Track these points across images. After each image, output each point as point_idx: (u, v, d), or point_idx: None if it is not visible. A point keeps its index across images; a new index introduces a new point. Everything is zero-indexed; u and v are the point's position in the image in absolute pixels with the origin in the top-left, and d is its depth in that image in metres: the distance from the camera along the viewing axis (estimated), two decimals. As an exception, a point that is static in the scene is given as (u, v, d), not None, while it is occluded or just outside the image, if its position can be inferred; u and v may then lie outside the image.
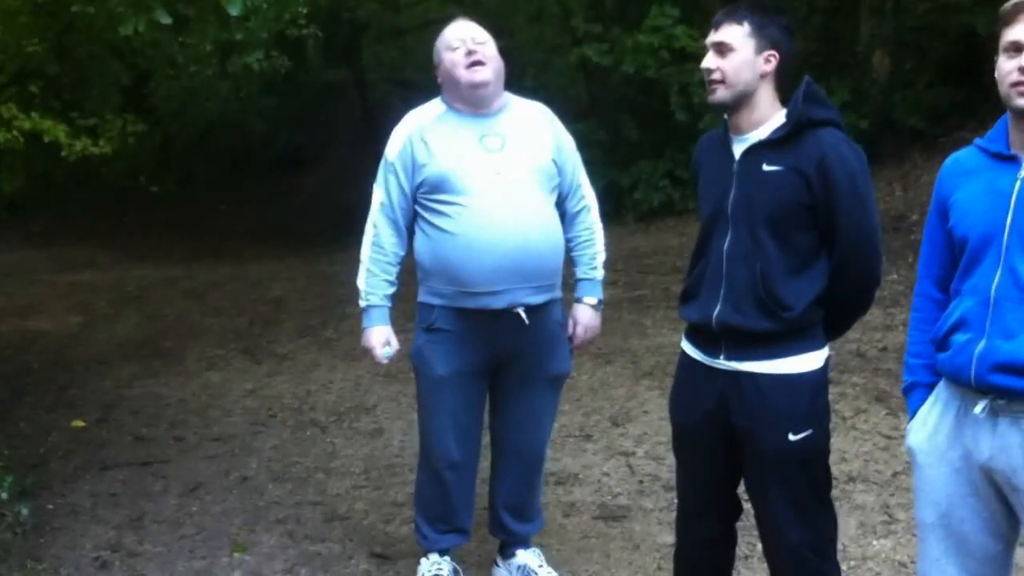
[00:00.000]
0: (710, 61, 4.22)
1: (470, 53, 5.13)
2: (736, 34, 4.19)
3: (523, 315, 5.15)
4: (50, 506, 6.72)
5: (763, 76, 4.17)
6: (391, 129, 5.41)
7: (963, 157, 3.73)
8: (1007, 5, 3.51)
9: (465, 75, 5.13)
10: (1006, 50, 3.49)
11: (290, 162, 24.23)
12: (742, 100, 4.20)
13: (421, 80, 22.76)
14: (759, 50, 4.17)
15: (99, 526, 6.45)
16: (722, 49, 4.20)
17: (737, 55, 4.18)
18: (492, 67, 5.16)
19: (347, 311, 11.74)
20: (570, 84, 19.24)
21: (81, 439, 7.99)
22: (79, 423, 8.32)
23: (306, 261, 15.81)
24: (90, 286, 14.19)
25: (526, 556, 5.58)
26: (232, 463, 7.44)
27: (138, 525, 6.45)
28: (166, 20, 7.40)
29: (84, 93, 18.96)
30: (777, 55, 4.18)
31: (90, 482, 7.14)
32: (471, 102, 5.20)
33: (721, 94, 4.21)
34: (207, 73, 18.24)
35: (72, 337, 11.29)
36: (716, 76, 4.19)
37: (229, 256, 16.75)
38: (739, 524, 4.65)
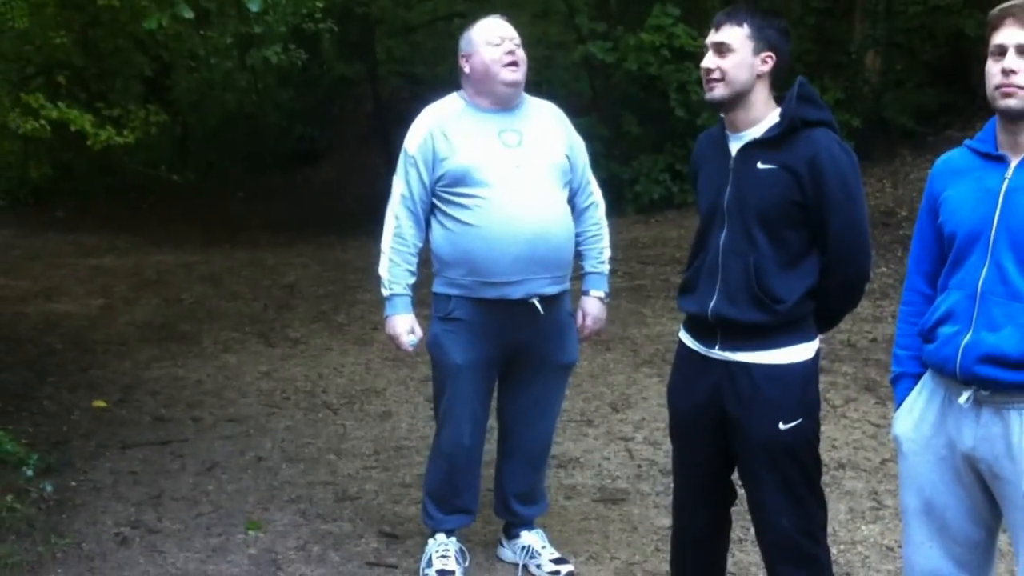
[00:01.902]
0: (710, 61, 4.25)
1: (510, 53, 5.17)
2: (736, 35, 4.21)
3: (539, 305, 5.17)
4: (73, 483, 6.73)
5: (759, 76, 4.19)
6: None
7: (954, 157, 3.75)
8: (994, 11, 3.54)
9: (503, 73, 5.17)
10: (992, 53, 3.51)
11: (304, 153, 24.20)
12: (738, 99, 4.22)
13: (430, 75, 22.85)
14: (757, 51, 4.19)
15: (119, 503, 6.46)
16: (722, 49, 4.22)
17: (736, 55, 4.20)
18: (523, 69, 5.22)
19: (358, 297, 11.76)
20: (574, 80, 19.24)
21: (102, 419, 8.00)
22: (100, 403, 8.32)
23: (319, 248, 15.80)
24: (111, 270, 14.18)
25: (530, 537, 5.60)
26: (247, 443, 7.45)
27: (157, 502, 6.47)
28: (188, 15, 7.39)
29: (108, 84, 18.99)
30: (774, 56, 4.20)
31: (111, 460, 7.15)
32: (499, 99, 5.24)
33: (719, 91, 4.23)
34: (227, 66, 18.21)
35: (94, 320, 11.29)
36: (715, 75, 4.22)
37: (245, 243, 16.74)
38: (734, 509, 4.67)
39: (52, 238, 17.25)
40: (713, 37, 4.26)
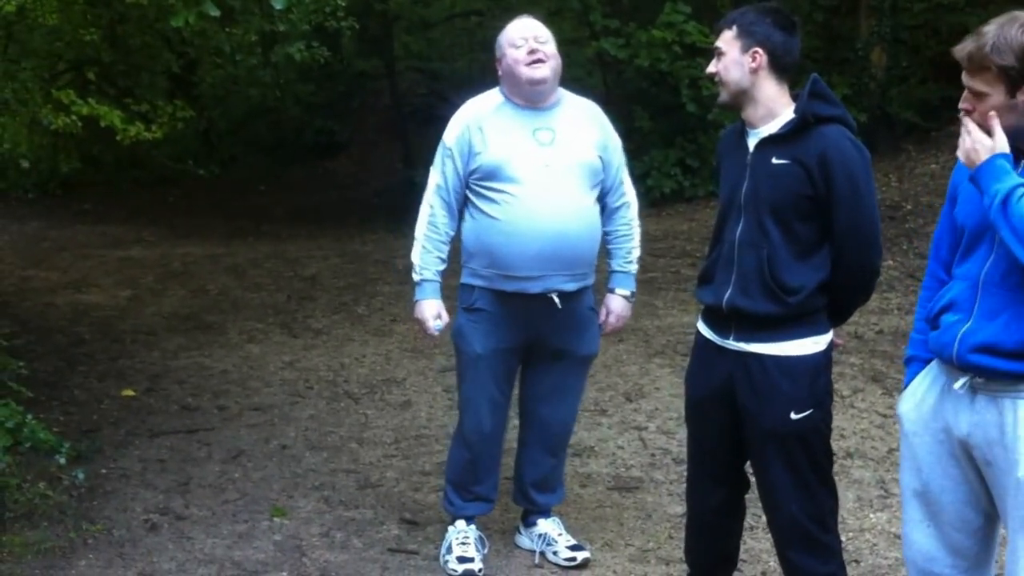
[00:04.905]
0: (710, 66, 4.38)
1: (532, 52, 5.18)
2: (725, 38, 4.33)
3: (556, 300, 5.19)
4: (103, 471, 6.74)
5: (753, 72, 4.26)
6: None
7: None
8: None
9: (526, 72, 5.18)
10: None
11: (324, 146, 24.16)
12: (740, 98, 4.32)
13: (447, 70, 22.81)
14: (744, 49, 4.27)
15: (148, 490, 6.49)
16: (716, 53, 4.35)
17: (726, 57, 4.31)
18: (551, 65, 5.22)
19: (378, 289, 11.78)
20: (587, 76, 19.21)
21: (131, 407, 8.02)
22: (129, 392, 8.34)
23: (339, 241, 15.77)
24: (138, 262, 14.18)
25: (546, 525, 5.63)
26: (272, 432, 7.47)
27: (184, 490, 6.50)
28: (214, 12, 7.39)
29: (135, 80, 18.95)
30: (762, 51, 4.26)
31: (140, 448, 7.17)
32: (528, 97, 5.25)
33: (721, 95, 4.39)
34: (251, 62, 18.14)
35: (122, 310, 11.29)
36: (716, 79, 4.36)
37: (268, 235, 16.73)
38: (746, 497, 4.69)
39: (81, 230, 17.26)
40: (715, 43, 4.37)
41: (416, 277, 5.43)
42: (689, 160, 16.31)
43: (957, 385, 3.60)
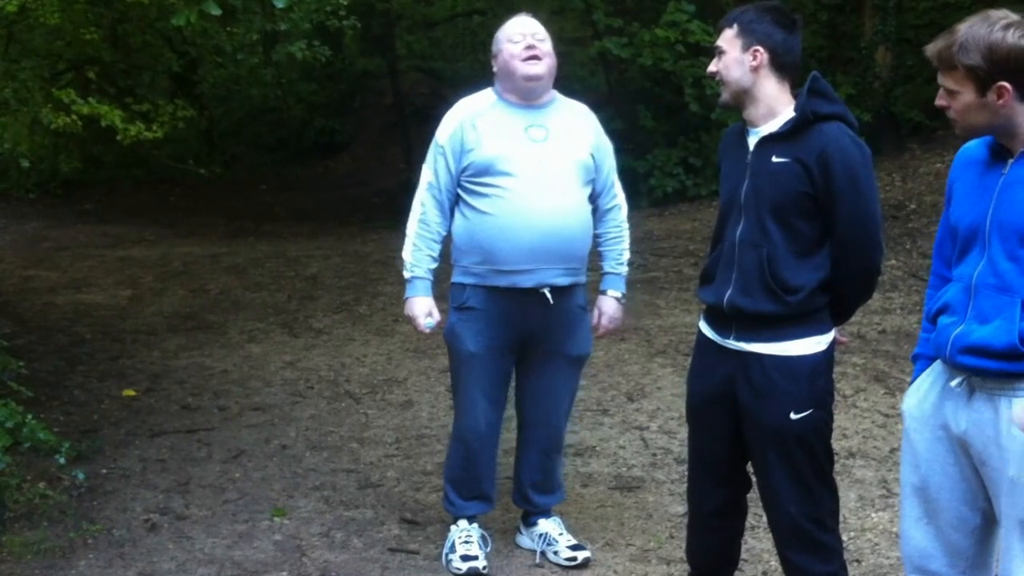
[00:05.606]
0: (711, 65, 4.37)
1: (529, 48, 5.22)
2: (726, 37, 4.33)
3: (548, 295, 5.21)
4: (103, 470, 6.75)
5: (754, 70, 4.26)
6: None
7: (972, 147, 3.77)
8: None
9: (521, 67, 5.22)
10: None
11: (325, 146, 24.18)
12: (741, 97, 4.32)
13: (449, 70, 22.82)
14: (745, 47, 4.27)
15: (148, 490, 6.49)
16: (717, 52, 4.35)
17: (727, 56, 4.31)
18: (546, 63, 5.28)
19: (380, 289, 11.77)
20: (590, 75, 19.24)
21: (131, 407, 8.02)
22: (129, 392, 8.35)
23: (340, 240, 15.79)
24: (139, 261, 14.18)
25: (547, 525, 5.62)
26: (272, 432, 7.47)
27: (185, 489, 6.50)
28: (216, 11, 7.41)
29: (136, 79, 19.03)
30: (763, 49, 4.26)
31: (140, 448, 7.17)
32: (523, 94, 5.29)
33: (723, 96, 4.38)
34: (252, 61, 18.18)
35: (122, 310, 11.30)
36: (717, 78, 4.35)
37: (268, 234, 16.75)
38: (747, 497, 4.70)
39: (81, 230, 17.29)
40: (716, 42, 4.39)
41: (407, 274, 5.45)
42: (692, 159, 16.31)
43: (953, 383, 3.62)
